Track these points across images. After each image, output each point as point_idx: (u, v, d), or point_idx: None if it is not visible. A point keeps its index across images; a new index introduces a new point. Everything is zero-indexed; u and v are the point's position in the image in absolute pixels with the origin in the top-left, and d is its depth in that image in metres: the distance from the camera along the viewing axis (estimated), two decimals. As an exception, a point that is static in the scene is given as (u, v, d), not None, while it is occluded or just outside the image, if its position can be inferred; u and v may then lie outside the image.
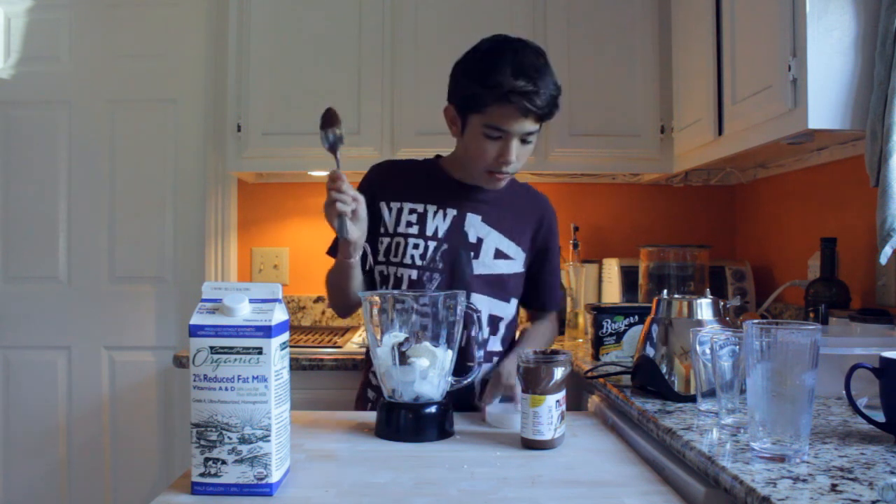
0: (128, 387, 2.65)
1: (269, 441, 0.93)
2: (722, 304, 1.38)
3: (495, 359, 1.54)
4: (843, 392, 1.02)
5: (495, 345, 1.55)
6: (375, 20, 2.34)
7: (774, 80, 1.57)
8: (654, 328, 1.39)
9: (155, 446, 2.64)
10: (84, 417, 2.64)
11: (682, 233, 2.69)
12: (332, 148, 1.30)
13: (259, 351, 0.93)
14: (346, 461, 1.08)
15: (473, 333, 1.40)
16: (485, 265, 1.50)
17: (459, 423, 1.26)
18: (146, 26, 2.67)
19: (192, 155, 2.67)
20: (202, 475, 0.94)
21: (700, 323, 1.32)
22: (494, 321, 1.53)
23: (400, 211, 1.51)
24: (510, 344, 1.60)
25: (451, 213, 1.51)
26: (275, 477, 0.94)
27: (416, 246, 1.49)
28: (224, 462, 0.93)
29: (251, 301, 0.96)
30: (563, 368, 1.15)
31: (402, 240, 1.49)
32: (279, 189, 2.69)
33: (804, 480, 0.83)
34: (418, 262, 1.48)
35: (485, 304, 1.49)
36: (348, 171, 2.44)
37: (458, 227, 1.50)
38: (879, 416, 1.03)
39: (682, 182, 2.67)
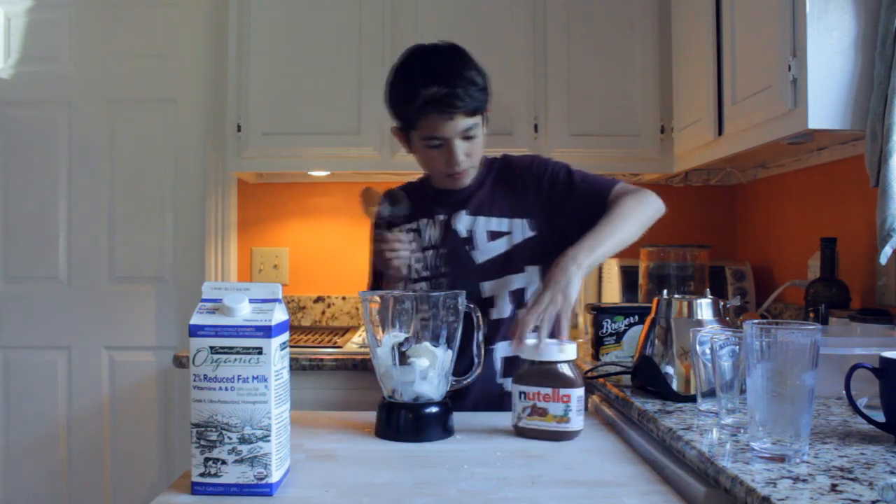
0: (128, 387, 2.65)
1: (269, 441, 0.93)
2: (722, 304, 1.38)
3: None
4: (843, 392, 1.02)
5: None
6: (375, 20, 2.34)
7: (774, 80, 1.57)
8: (654, 328, 1.39)
9: (155, 446, 2.64)
10: (84, 417, 2.64)
11: (682, 233, 2.68)
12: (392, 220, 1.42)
13: (259, 351, 0.92)
14: (346, 461, 1.08)
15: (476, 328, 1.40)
16: (483, 252, 1.52)
17: (459, 423, 1.26)
18: (146, 26, 2.67)
19: (192, 155, 2.67)
20: (202, 475, 0.94)
21: (700, 323, 1.32)
22: (517, 295, 1.53)
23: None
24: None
25: (441, 219, 1.56)
26: (275, 477, 0.94)
27: (418, 260, 1.54)
28: (224, 462, 0.93)
29: (251, 301, 0.96)
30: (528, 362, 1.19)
31: None
32: (279, 189, 2.69)
33: (804, 480, 0.83)
34: (423, 274, 1.53)
35: (500, 286, 1.51)
36: (348, 171, 2.45)
37: (448, 228, 1.54)
38: (879, 416, 1.03)
39: (682, 182, 2.67)
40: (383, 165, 2.30)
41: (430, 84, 1.38)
